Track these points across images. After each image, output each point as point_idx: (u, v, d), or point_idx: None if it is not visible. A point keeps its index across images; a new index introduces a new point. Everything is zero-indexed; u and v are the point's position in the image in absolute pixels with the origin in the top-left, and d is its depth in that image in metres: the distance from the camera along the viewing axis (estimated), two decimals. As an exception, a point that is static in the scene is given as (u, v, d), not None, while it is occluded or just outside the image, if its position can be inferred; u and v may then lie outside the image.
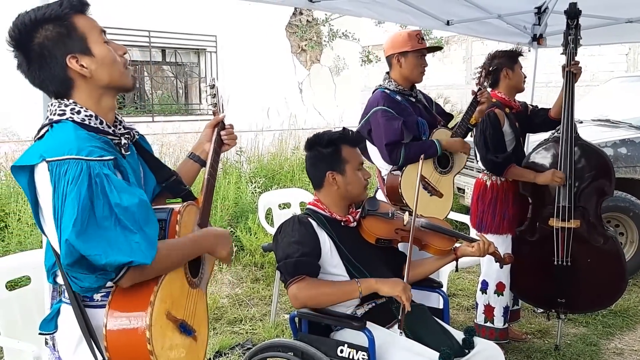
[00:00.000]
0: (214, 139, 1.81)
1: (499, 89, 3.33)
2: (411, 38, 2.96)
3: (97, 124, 1.43)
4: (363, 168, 2.30)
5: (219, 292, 4.42)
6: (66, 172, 1.29)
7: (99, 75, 1.43)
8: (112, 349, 1.35)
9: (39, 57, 1.39)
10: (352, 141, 2.28)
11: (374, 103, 2.95)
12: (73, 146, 1.32)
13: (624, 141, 4.78)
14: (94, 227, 1.27)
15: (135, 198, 1.34)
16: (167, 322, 1.41)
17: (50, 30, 1.39)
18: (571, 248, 3.14)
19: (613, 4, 3.79)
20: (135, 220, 1.32)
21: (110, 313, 1.36)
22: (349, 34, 10.14)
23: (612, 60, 13.26)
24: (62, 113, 1.41)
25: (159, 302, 1.38)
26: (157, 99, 8.88)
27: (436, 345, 2.03)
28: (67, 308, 1.44)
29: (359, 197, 2.31)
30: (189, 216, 1.57)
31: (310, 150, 2.31)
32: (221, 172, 6.64)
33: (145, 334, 1.33)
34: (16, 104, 6.03)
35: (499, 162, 3.18)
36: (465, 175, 5.50)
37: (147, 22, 7.66)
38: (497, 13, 4.02)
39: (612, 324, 3.89)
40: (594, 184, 3.16)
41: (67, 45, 1.40)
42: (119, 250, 1.28)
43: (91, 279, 1.31)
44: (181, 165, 1.89)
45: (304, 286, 2.07)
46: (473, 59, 16.13)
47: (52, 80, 1.42)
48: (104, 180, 1.31)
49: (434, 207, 2.92)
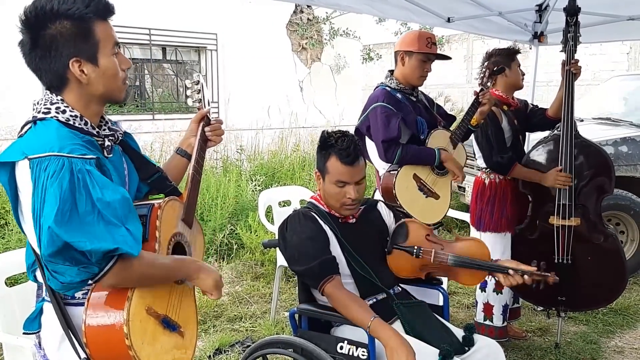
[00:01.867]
0: (199, 134, 1.80)
1: (497, 87, 3.32)
2: (420, 39, 2.90)
3: (82, 124, 1.43)
4: (349, 187, 2.16)
5: (219, 289, 4.41)
6: (47, 167, 1.28)
7: (95, 85, 1.43)
8: (91, 344, 1.36)
9: (45, 48, 1.37)
10: (342, 157, 2.16)
11: (374, 99, 2.93)
12: (55, 144, 1.31)
13: (624, 139, 4.78)
14: (76, 221, 1.27)
15: (118, 194, 1.33)
16: (148, 317, 1.42)
17: (67, 27, 1.36)
18: (571, 246, 3.13)
19: (614, 1, 3.78)
20: (118, 215, 1.31)
21: (89, 309, 1.36)
22: (350, 32, 10.13)
23: (614, 59, 13.24)
24: (47, 111, 1.40)
25: (137, 297, 1.38)
26: (158, 97, 8.88)
27: (436, 342, 2.03)
28: (50, 306, 1.44)
29: (336, 209, 2.22)
30: (171, 211, 1.56)
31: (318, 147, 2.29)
32: (222, 170, 6.65)
33: (123, 329, 1.33)
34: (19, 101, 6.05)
35: (504, 163, 3.18)
36: (465, 173, 5.49)
37: (147, 20, 7.65)
38: (498, 10, 4.01)
39: (613, 322, 3.89)
40: (594, 181, 3.16)
41: (77, 47, 1.38)
42: (104, 240, 1.28)
43: (73, 272, 1.29)
44: (169, 160, 1.89)
45: (336, 284, 2.07)
46: (474, 57, 16.12)
47: (49, 72, 1.40)
48: (85, 175, 1.30)
49: (430, 208, 2.89)
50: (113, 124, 1.58)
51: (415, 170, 2.87)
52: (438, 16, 4.02)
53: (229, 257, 4.98)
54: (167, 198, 1.57)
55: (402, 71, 2.97)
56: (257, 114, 8.42)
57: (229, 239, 5.06)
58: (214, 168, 6.74)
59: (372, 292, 2.19)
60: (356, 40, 10.40)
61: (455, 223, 6.09)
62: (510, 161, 3.19)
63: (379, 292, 2.21)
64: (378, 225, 2.39)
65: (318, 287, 2.09)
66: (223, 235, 5.01)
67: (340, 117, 9.34)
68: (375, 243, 2.33)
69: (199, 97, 1.86)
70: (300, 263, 2.13)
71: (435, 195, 2.92)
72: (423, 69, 2.94)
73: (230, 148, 7.33)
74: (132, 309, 1.36)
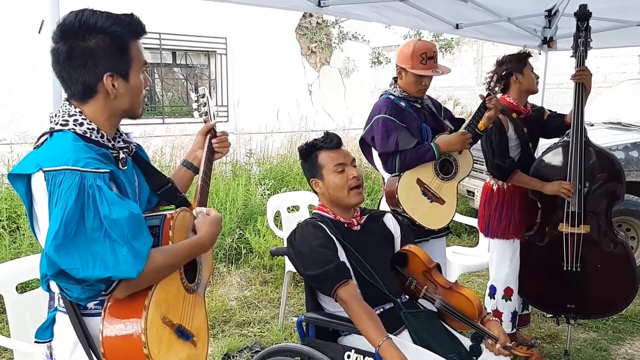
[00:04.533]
0: (206, 146, 1.85)
1: (509, 94, 3.29)
2: (414, 57, 2.84)
3: (98, 137, 1.45)
4: (348, 167, 2.24)
5: (228, 294, 4.43)
6: (61, 182, 1.30)
7: (121, 100, 1.47)
8: (109, 354, 1.37)
9: (80, 58, 1.41)
10: (327, 145, 2.27)
11: (377, 110, 2.93)
12: (70, 157, 1.33)
13: (635, 144, 4.75)
14: (81, 238, 1.28)
15: (126, 211, 1.34)
16: (164, 327, 1.43)
17: (106, 42, 1.41)
18: (581, 253, 3.11)
19: (624, 6, 3.76)
20: (124, 234, 1.32)
21: (106, 319, 1.38)
22: (359, 35, 10.14)
23: (624, 61, 13.13)
24: (65, 123, 1.43)
25: (153, 306, 1.39)
26: (168, 101, 8.93)
27: (444, 352, 2.02)
28: (62, 316, 1.46)
29: (345, 200, 2.25)
30: (183, 222, 1.58)
31: (300, 161, 2.38)
32: (231, 174, 6.67)
33: (141, 338, 1.34)
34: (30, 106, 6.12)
35: (506, 168, 3.16)
36: (475, 178, 5.49)
37: (157, 25, 7.69)
38: (506, 16, 4.00)
39: (623, 329, 3.86)
40: (604, 188, 3.14)
41: (114, 62, 1.43)
42: (101, 264, 1.29)
43: (78, 290, 1.33)
44: (175, 172, 1.91)
45: (352, 291, 2.06)
46: (484, 60, 16.05)
47: (79, 82, 1.43)
48: (96, 191, 1.32)
49: (434, 214, 2.87)
50: (126, 135, 1.61)
51: (419, 174, 2.86)
52: (447, 23, 4.02)
53: (237, 262, 5.00)
54: (178, 209, 1.58)
55: (402, 84, 2.96)
56: (266, 118, 8.44)
57: (237, 244, 5.08)
58: (223, 172, 6.76)
59: (380, 302, 2.19)
60: (365, 43, 10.41)
61: (464, 228, 6.08)
62: (512, 167, 3.17)
63: (386, 301, 2.21)
64: (382, 234, 2.39)
65: (332, 290, 2.06)
66: (232, 240, 5.03)
67: (350, 120, 9.34)
68: (380, 251, 2.33)
69: (205, 110, 1.91)
70: (314, 268, 2.12)
71: (441, 200, 2.89)
72: (420, 83, 2.91)
73: (239, 152, 7.36)
74: (149, 318, 1.36)
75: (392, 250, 2.38)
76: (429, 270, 2.31)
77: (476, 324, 2.17)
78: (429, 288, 2.29)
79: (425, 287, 2.29)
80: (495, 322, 2.23)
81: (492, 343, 2.10)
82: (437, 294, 2.27)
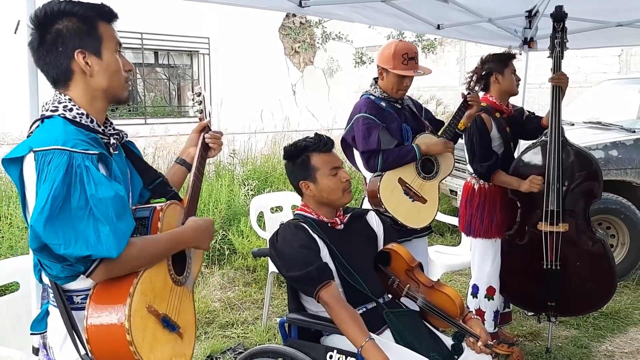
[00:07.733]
0: (200, 143, 1.89)
1: (490, 93, 3.32)
2: (396, 57, 2.86)
3: (88, 122, 1.49)
4: (341, 170, 2.27)
5: (211, 295, 4.41)
6: (50, 161, 1.33)
7: (99, 78, 1.50)
8: (93, 341, 1.37)
9: (51, 42, 1.46)
10: (320, 148, 2.28)
11: (357, 110, 2.94)
12: (59, 138, 1.37)
13: (615, 144, 4.80)
14: (66, 215, 1.31)
15: (111, 192, 1.37)
16: (149, 315, 1.43)
17: (73, 22, 1.46)
18: (560, 252, 3.14)
19: (603, 7, 3.80)
20: (108, 213, 1.34)
21: (90, 306, 1.38)
22: (342, 35, 10.16)
23: (605, 61, 13.29)
24: (55, 109, 1.47)
25: (138, 294, 1.39)
26: (150, 101, 8.87)
27: (426, 351, 2.04)
28: (54, 309, 1.49)
29: (338, 201, 2.28)
30: (172, 214, 1.59)
31: (285, 162, 2.36)
32: (214, 174, 6.64)
33: (125, 324, 1.35)
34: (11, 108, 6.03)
35: (484, 170, 3.21)
36: (457, 177, 5.52)
37: (139, 25, 7.65)
38: (487, 17, 4.03)
39: (603, 326, 3.91)
40: (582, 187, 3.17)
41: (82, 40, 1.47)
42: (83, 242, 1.31)
43: (57, 268, 1.37)
44: (169, 169, 1.96)
45: (333, 292, 2.06)
46: (466, 60, 16.15)
47: (55, 66, 1.48)
48: (83, 171, 1.35)
49: (416, 213, 2.89)
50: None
51: (401, 174, 2.88)
52: (428, 23, 4.03)
53: (220, 263, 4.98)
54: (168, 202, 1.61)
55: (383, 84, 2.98)
56: (250, 118, 8.42)
57: (220, 244, 5.06)
58: (206, 172, 6.73)
59: (362, 301, 2.19)
60: (348, 43, 10.43)
61: (447, 227, 6.11)
62: (489, 170, 3.20)
63: (369, 301, 2.21)
64: (365, 233, 2.40)
65: (314, 292, 2.06)
66: (215, 241, 5.01)
67: (333, 120, 9.36)
68: (363, 251, 2.33)
69: (201, 108, 1.96)
70: (295, 269, 2.12)
71: (422, 200, 2.92)
72: (402, 84, 2.93)
73: (223, 152, 7.32)
74: (133, 305, 1.37)
75: (376, 249, 2.39)
76: (412, 269, 2.33)
77: (458, 322, 2.19)
78: (412, 287, 2.30)
79: (408, 285, 2.31)
80: (477, 320, 2.25)
81: (473, 341, 2.11)
82: (420, 292, 2.29)
